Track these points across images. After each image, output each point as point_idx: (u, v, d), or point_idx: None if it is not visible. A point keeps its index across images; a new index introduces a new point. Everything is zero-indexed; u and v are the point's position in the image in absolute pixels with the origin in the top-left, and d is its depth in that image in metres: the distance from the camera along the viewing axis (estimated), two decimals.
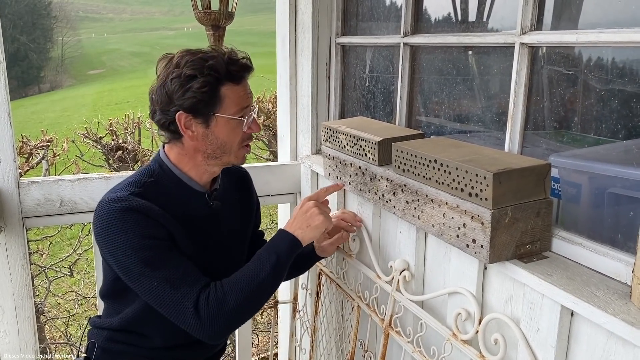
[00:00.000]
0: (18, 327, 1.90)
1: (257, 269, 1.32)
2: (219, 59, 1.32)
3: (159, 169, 1.41)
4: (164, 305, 1.26)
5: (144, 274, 1.25)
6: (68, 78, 38.28)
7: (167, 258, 1.28)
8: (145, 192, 1.34)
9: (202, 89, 1.30)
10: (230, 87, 1.34)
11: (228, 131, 1.36)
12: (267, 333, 3.94)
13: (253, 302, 1.32)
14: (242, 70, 1.36)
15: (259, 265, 1.33)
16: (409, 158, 1.36)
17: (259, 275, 1.31)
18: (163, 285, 1.25)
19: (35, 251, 3.93)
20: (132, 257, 1.25)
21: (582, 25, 1.19)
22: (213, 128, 1.35)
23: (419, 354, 1.41)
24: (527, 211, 1.15)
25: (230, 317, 1.27)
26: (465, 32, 1.53)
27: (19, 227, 1.83)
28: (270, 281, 1.32)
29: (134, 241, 1.26)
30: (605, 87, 1.15)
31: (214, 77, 1.30)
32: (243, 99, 1.36)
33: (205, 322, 1.24)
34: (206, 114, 1.33)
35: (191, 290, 1.25)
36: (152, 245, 1.27)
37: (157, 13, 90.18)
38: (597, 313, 0.96)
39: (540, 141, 1.32)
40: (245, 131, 1.39)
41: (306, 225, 1.41)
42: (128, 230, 1.26)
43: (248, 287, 1.29)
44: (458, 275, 1.33)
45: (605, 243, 1.12)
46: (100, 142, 4.35)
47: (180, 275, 1.26)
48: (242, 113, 1.37)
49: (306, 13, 2.09)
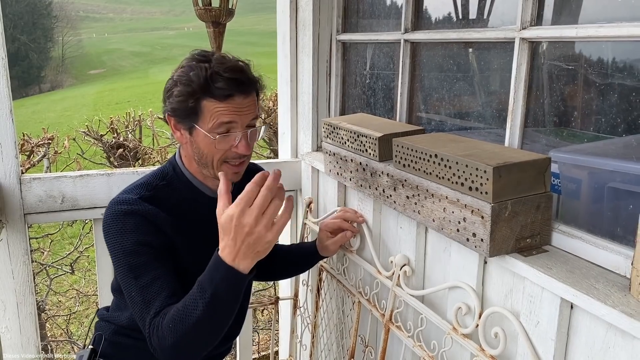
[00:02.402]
0: (20, 323, 1.90)
1: (191, 306, 1.15)
2: (201, 72, 1.26)
3: (172, 172, 1.42)
4: (136, 319, 1.25)
5: (127, 279, 1.26)
6: (69, 78, 38.30)
7: (152, 267, 1.26)
8: (155, 196, 1.34)
9: (178, 98, 1.28)
10: (211, 101, 1.27)
11: (205, 145, 1.31)
12: (268, 331, 3.94)
13: (192, 339, 1.16)
14: (228, 87, 1.26)
15: (193, 301, 1.15)
16: (409, 153, 1.36)
17: (193, 314, 1.14)
18: (138, 296, 1.23)
19: (36, 249, 3.93)
20: (122, 260, 1.27)
21: (582, 20, 1.20)
22: (196, 138, 1.32)
23: (420, 348, 1.41)
24: (527, 205, 1.15)
25: (172, 353, 1.18)
26: (465, 27, 1.54)
27: (20, 223, 1.84)
28: (207, 318, 1.14)
29: (127, 245, 1.26)
30: (605, 81, 1.15)
31: (191, 88, 1.26)
32: (222, 115, 1.27)
33: (156, 349, 1.20)
34: (187, 122, 1.31)
35: (152, 311, 1.21)
36: (143, 252, 1.26)
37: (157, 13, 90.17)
38: (597, 305, 0.96)
39: (540, 137, 1.33)
40: (224, 149, 1.31)
41: (254, 251, 1.12)
42: (125, 233, 1.27)
43: (182, 325, 1.15)
44: (458, 269, 1.34)
45: (604, 237, 1.13)
46: (102, 140, 4.35)
47: (152, 292, 1.23)
48: (219, 129, 1.28)
49: (307, 10, 2.10)
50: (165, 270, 1.28)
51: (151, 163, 4.50)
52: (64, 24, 45.20)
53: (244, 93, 1.29)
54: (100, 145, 4.39)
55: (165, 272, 1.27)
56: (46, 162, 3.93)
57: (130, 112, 4.96)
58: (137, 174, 1.93)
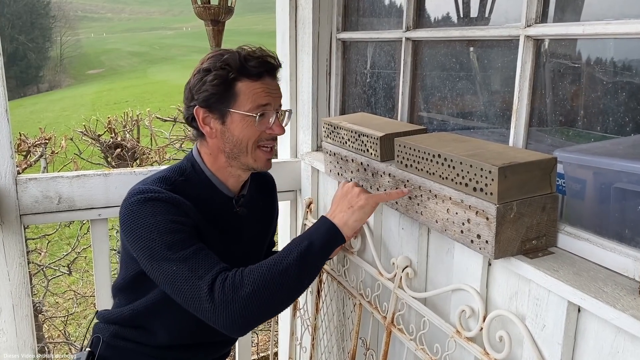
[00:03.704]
0: (16, 325, 1.88)
1: (284, 255, 1.22)
2: (235, 54, 1.32)
3: (191, 168, 1.41)
4: (180, 291, 1.20)
5: (165, 258, 1.22)
6: (67, 78, 38.29)
7: (190, 243, 1.24)
8: (174, 191, 1.33)
9: (214, 82, 1.31)
10: (246, 82, 1.32)
11: (242, 128, 1.33)
12: (267, 332, 3.92)
13: (272, 290, 1.18)
14: (260, 66, 1.32)
15: (287, 251, 1.23)
16: (411, 153, 1.34)
17: (284, 261, 1.20)
18: (181, 268, 1.20)
19: (33, 250, 3.91)
20: (157, 241, 1.23)
21: (588, 17, 1.18)
22: (229, 125, 1.34)
23: (422, 351, 1.39)
24: (533, 206, 1.13)
25: (245, 304, 1.16)
26: (467, 25, 1.52)
27: (16, 224, 1.81)
28: (295, 269, 1.20)
29: (160, 225, 1.24)
30: (612, 79, 1.13)
31: (226, 71, 1.30)
32: (259, 96, 1.32)
33: (218, 307, 1.16)
34: (221, 109, 1.33)
35: (208, 273, 1.19)
36: (177, 230, 1.25)
37: (156, 13, 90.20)
38: (606, 309, 0.94)
39: (545, 137, 1.31)
40: (261, 130, 1.35)
41: (348, 206, 1.30)
42: (157, 214, 1.26)
43: (269, 272, 1.19)
44: (461, 271, 1.32)
45: (612, 238, 1.10)
46: (99, 139, 4.32)
47: (200, 260, 1.22)
48: (257, 110, 1.32)
49: (306, 9, 2.08)
50: (203, 245, 1.26)
51: (149, 163, 4.48)
52: (62, 24, 45.19)
53: (272, 74, 1.37)
54: (98, 145, 4.36)
55: (204, 246, 1.26)
56: (43, 162, 3.91)
57: (128, 111, 4.93)
58: (135, 174, 1.90)
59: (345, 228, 1.28)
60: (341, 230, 1.28)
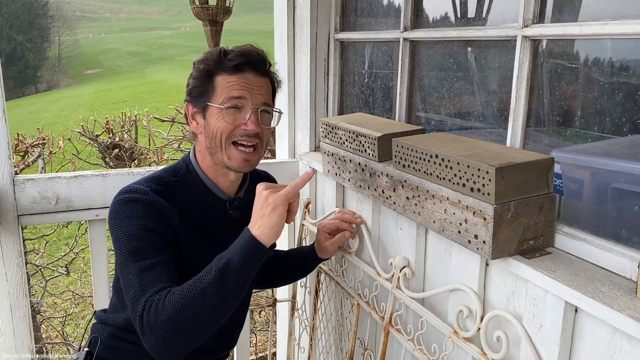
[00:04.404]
0: (13, 326, 1.87)
1: (203, 274, 1.16)
2: (217, 49, 1.34)
3: (185, 169, 1.40)
4: (129, 302, 1.20)
5: (127, 263, 1.22)
6: (65, 78, 38.24)
7: (154, 254, 1.23)
8: (166, 191, 1.33)
9: (195, 76, 1.34)
10: (223, 76, 1.32)
11: (216, 121, 1.32)
12: (266, 332, 3.92)
13: (193, 313, 1.12)
14: (237, 58, 1.31)
15: (207, 269, 1.17)
16: (409, 153, 1.34)
17: (202, 281, 1.15)
18: (135, 278, 1.19)
19: (31, 250, 3.90)
20: (125, 244, 1.24)
21: (585, 18, 1.18)
22: (208, 119, 1.34)
23: (420, 351, 1.39)
24: (530, 206, 1.13)
25: (166, 329, 1.12)
26: (465, 26, 1.52)
27: (14, 225, 1.81)
28: (214, 288, 1.14)
29: (132, 229, 1.24)
30: (609, 80, 1.13)
31: (206, 64, 1.33)
32: (232, 88, 1.31)
33: (145, 331, 1.14)
34: (202, 103, 1.34)
35: (150, 292, 1.17)
36: (146, 237, 1.24)
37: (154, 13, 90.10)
38: (603, 309, 0.94)
39: (542, 137, 1.31)
40: (234, 125, 1.32)
41: (261, 214, 1.20)
42: (132, 218, 1.26)
43: (188, 294, 1.13)
44: (459, 271, 1.32)
45: (609, 239, 1.11)
46: (97, 140, 4.32)
47: (154, 274, 1.20)
48: (229, 103, 1.31)
49: (304, 9, 2.08)
50: (167, 258, 1.25)
51: (147, 163, 4.47)
52: (61, 24, 45.13)
53: (254, 69, 1.34)
54: (96, 146, 4.36)
55: (167, 260, 1.24)
56: (41, 162, 3.90)
57: (126, 112, 4.92)
58: (133, 174, 1.90)
59: (264, 237, 1.18)
60: (260, 239, 1.18)
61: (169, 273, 1.23)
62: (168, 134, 4.85)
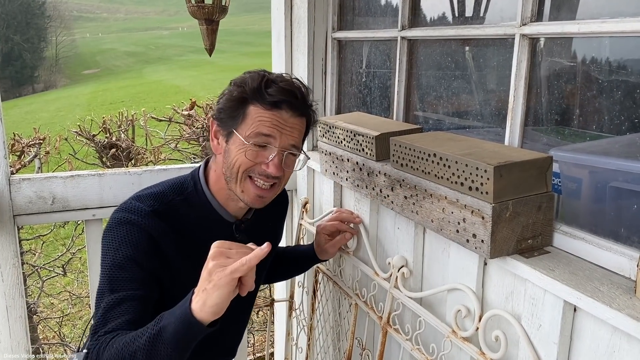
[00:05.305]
0: (9, 326, 1.86)
1: (139, 335, 1.07)
2: (259, 76, 1.26)
3: (192, 187, 1.34)
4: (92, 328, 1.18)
5: (104, 289, 1.20)
6: (62, 78, 38.19)
7: (128, 287, 1.19)
8: (167, 212, 1.28)
9: (227, 97, 1.27)
10: (257, 108, 1.24)
11: (237, 153, 1.25)
12: (263, 332, 3.91)
13: None
14: (277, 94, 1.23)
15: (143, 330, 1.07)
16: (407, 152, 1.33)
17: (135, 343, 1.05)
18: (103, 309, 1.17)
19: (28, 250, 3.89)
20: (107, 270, 1.21)
21: (583, 16, 1.17)
22: (230, 145, 1.27)
23: (418, 351, 1.38)
24: (529, 205, 1.12)
25: None
26: (463, 24, 1.51)
27: (10, 225, 1.80)
28: (143, 355, 1.04)
29: (117, 256, 1.21)
30: (608, 78, 1.12)
31: (242, 90, 1.25)
32: (263, 124, 1.23)
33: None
34: (228, 127, 1.27)
35: (103, 330, 1.13)
36: (128, 268, 1.20)
37: (151, 13, 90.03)
38: (602, 308, 0.94)
39: (541, 136, 1.30)
40: (254, 161, 1.25)
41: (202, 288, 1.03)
42: (122, 245, 1.22)
43: (119, 353, 1.06)
44: (457, 271, 1.31)
45: (608, 237, 1.10)
46: (94, 139, 4.31)
47: (119, 310, 1.15)
48: (255, 139, 1.24)
49: (302, 8, 2.07)
50: (143, 294, 1.19)
51: (144, 163, 4.46)
52: (58, 24, 45.05)
53: (292, 109, 1.26)
54: (93, 145, 4.35)
55: (141, 295, 1.19)
56: (37, 162, 3.89)
57: (123, 111, 4.91)
58: (130, 174, 1.89)
59: (202, 314, 1.01)
60: (196, 315, 1.01)
61: (135, 311, 1.16)
62: (165, 134, 4.84)
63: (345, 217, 1.67)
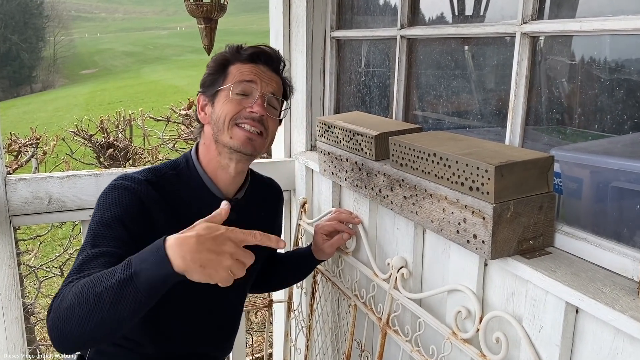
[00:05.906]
0: (5, 328, 1.85)
1: (110, 274, 1.00)
2: (234, 45, 1.41)
3: (185, 164, 1.41)
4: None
5: (85, 244, 1.19)
6: (60, 78, 38.13)
7: (107, 243, 1.16)
8: (159, 182, 1.33)
9: (211, 66, 1.39)
10: (237, 65, 1.36)
11: (222, 104, 1.34)
12: (262, 333, 3.89)
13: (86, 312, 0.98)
14: (252, 50, 1.37)
15: (112, 270, 1.01)
16: (407, 152, 1.32)
17: (103, 282, 0.99)
18: (79, 260, 1.14)
19: (24, 251, 3.87)
20: (93, 227, 1.21)
21: (585, 14, 1.16)
22: (216, 105, 1.36)
23: (418, 353, 1.37)
24: (530, 205, 1.11)
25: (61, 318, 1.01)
26: (463, 23, 1.50)
27: (5, 226, 1.78)
28: (110, 297, 0.97)
29: (106, 215, 1.22)
30: (610, 77, 1.11)
31: (222, 56, 1.38)
32: (244, 73, 1.35)
33: (49, 315, 1.04)
34: (212, 90, 1.37)
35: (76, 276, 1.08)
36: (113, 227, 1.20)
37: (150, 12, 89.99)
38: (605, 310, 0.92)
39: (542, 135, 1.29)
40: (240, 106, 1.32)
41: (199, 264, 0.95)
42: (113, 205, 1.24)
43: (87, 290, 0.99)
44: (458, 272, 1.30)
45: (610, 238, 1.09)
46: (91, 139, 4.29)
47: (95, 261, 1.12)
48: (238, 89, 1.34)
49: (300, 7, 2.06)
50: (122, 254, 1.14)
51: (142, 163, 4.44)
52: (56, 24, 45.02)
53: (268, 63, 1.39)
54: (90, 145, 4.32)
55: (121, 255, 1.12)
56: (34, 162, 3.87)
57: (121, 111, 4.89)
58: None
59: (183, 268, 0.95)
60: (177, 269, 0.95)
61: (107, 264, 1.10)
62: (163, 134, 4.82)
63: (344, 218, 1.66)
